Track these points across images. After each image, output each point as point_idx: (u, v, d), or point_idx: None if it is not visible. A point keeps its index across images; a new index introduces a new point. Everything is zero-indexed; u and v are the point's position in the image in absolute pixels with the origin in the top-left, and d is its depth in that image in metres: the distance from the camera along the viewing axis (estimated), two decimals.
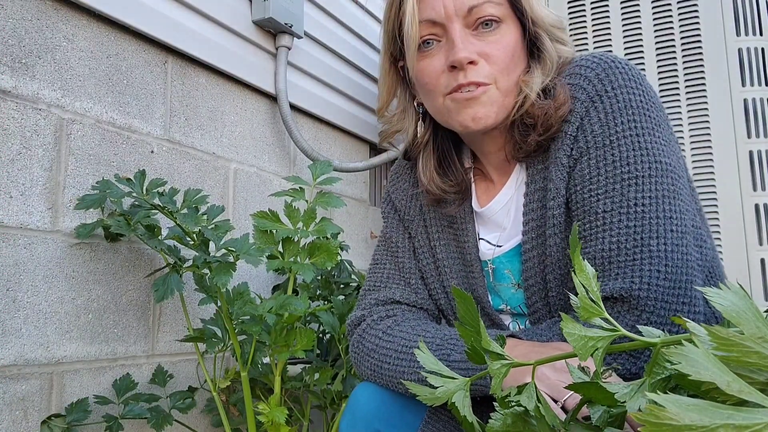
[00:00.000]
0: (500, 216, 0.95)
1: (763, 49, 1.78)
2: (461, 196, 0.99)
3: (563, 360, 0.68)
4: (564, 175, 0.84)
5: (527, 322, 0.93)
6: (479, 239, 0.98)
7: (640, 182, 0.78)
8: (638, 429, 0.30)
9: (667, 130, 0.84)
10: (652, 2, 1.89)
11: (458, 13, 0.85)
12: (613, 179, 0.79)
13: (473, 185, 1.00)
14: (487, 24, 0.86)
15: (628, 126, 0.80)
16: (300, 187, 1.24)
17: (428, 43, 0.88)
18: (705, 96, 1.81)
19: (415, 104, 0.99)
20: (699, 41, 1.83)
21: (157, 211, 1.17)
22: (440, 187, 0.97)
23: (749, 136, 1.75)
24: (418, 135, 0.99)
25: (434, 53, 0.88)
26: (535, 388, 0.47)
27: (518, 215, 0.92)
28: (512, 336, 0.80)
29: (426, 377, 0.52)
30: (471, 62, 0.84)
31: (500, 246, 0.94)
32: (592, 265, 0.79)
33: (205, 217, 1.22)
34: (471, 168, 1.01)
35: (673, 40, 1.86)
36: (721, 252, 1.74)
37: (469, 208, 0.98)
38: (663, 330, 0.71)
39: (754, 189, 1.73)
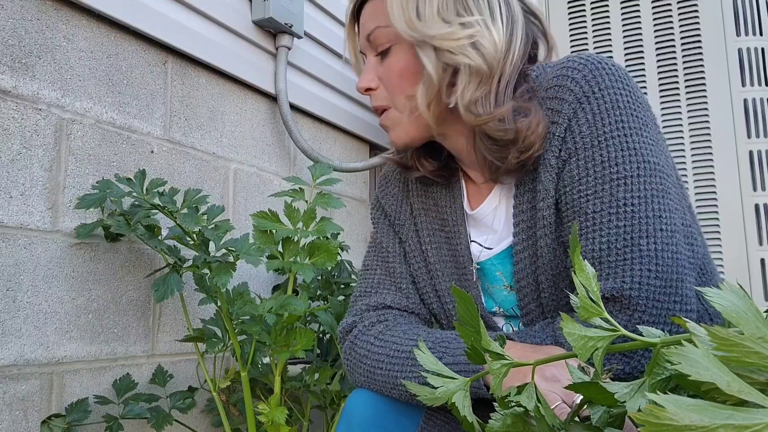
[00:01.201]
0: (491, 218, 0.95)
1: (763, 49, 1.78)
2: (446, 174, 0.99)
3: (555, 369, 0.68)
4: (553, 177, 0.84)
5: (520, 324, 0.93)
6: (471, 241, 0.98)
7: (629, 182, 0.79)
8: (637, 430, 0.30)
9: (654, 129, 0.84)
10: (652, 2, 1.89)
11: (363, 44, 0.92)
12: (602, 180, 0.80)
13: (464, 187, 1.00)
14: (382, 48, 0.90)
15: (615, 126, 0.80)
16: (300, 188, 1.24)
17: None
18: (705, 96, 1.81)
19: None
20: (699, 41, 1.83)
21: (157, 211, 1.17)
22: (426, 167, 0.98)
23: (749, 136, 1.75)
24: None
25: None
26: (535, 388, 0.47)
27: (508, 217, 0.92)
28: (507, 338, 0.80)
29: (422, 380, 0.52)
30: (369, 89, 0.91)
31: (491, 248, 0.94)
32: None
33: (205, 217, 1.22)
34: (459, 169, 1.00)
35: (673, 40, 1.86)
36: (721, 252, 1.74)
37: (461, 210, 0.98)
38: (665, 331, 0.71)
39: (754, 189, 1.73)
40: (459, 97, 0.83)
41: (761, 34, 1.79)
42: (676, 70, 1.85)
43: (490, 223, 0.95)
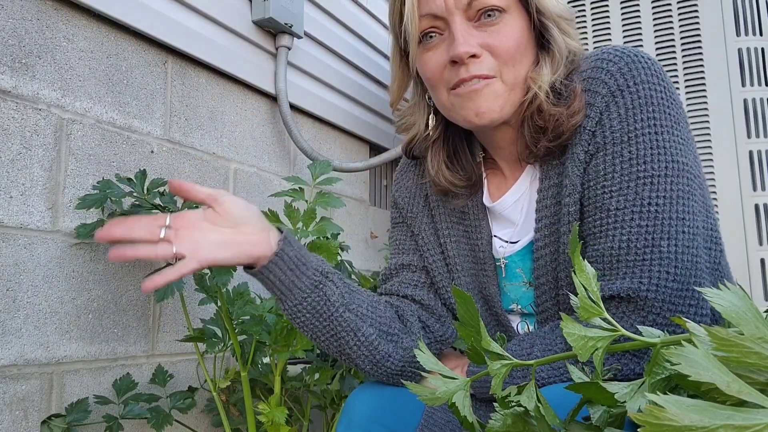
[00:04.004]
0: (511, 212, 0.93)
1: (763, 49, 1.78)
2: (470, 191, 0.96)
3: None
4: (580, 171, 0.82)
5: (536, 322, 0.92)
6: (493, 236, 0.96)
7: (656, 181, 0.77)
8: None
9: (686, 128, 0.82)
10: (652, 2, 1.89)
11: (458, 5, 0.82)
12: (629, 177, 0.78)
13: (485, 180, 0.97)
14: (489, 14, 0.83)
15: (647, 123, 0.79)
16: (299, 188, 1.24)
17: (430, 36, 0.86)
18: (705, 96, 1.81)
19: (427, 98, 0.96)
20: (699, 41, 1.83)
21: (157, 211, 1.17)
22: (448, 180, 0.94)
23: (749, 136, 1.75)
24: (429, 128, 0.96)
25: (436, 47, 0.86)
26: (536, 388, 0.47)
27: (530, 211, 0.90)
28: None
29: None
30: (473, 56, 0.82)
31: (514, 243, 0.92)
32: (600, 263, 0.78)
33: None
34: (482, 162, 0.98)
35: (673, 40, 1.86)
36: None
37: (481, 204, 0.96)
38: (665, 331, 0.71)
39: (754, 189, 1.73)
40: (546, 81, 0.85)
41: (761, 34, 1.79)
42: (676, 70, 1.85)
43: (512, 216, 0.93)
